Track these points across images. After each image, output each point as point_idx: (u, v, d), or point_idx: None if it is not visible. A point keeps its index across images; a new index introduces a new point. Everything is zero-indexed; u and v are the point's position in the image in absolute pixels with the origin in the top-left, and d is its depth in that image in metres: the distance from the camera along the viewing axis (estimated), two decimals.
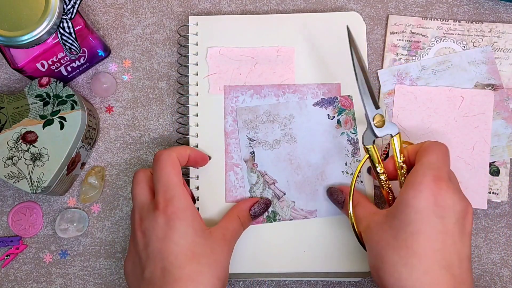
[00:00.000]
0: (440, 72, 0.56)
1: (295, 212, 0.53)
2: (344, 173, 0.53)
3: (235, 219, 0.50)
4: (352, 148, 0.53)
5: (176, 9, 0.59)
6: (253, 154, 0.53)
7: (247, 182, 0.53)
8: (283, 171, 0.53)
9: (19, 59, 0.50)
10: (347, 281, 0.55)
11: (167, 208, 0.44)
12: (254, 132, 0.54)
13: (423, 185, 0.42)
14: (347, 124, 0.54)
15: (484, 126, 0.55)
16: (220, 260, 0.45)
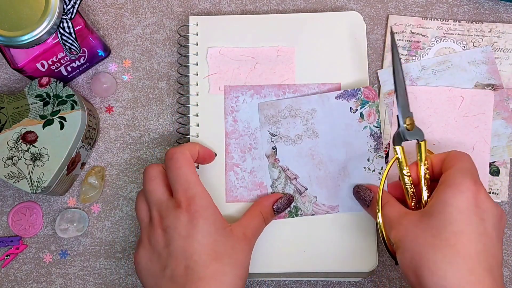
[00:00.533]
0: (440, 72, 0.56)
1: (317, 207, 0.52)
2: (366, 170, 0.52)
3: (257, 215, 0.50)
4: (375, 143, 0.52)
5: (176, 9, 0.59)
6: (274, 149, 0.53)
7: (269, 177, 0.53)
8: (304, 166, 0.53)
9: (19, 59, 0.50)
10: (347, 281, 0.55)
11: (190, 206, 0.44)
12: (276, 127, 0.53)
13: (464, 186, 0.42)
14: (370, 117, 0.53)
15: (484, 126, 0.55)
16: (241, 260, 0.45)
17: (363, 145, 0.52)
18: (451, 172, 0.44)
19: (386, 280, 0.55)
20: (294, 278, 0.54)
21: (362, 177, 0.52)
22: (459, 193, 0.42)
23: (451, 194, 0.42)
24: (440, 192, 0.43)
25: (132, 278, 0.55)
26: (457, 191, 0.42)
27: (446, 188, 0.42)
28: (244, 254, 0.46)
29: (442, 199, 0.42)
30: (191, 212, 0.44)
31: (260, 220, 0.50)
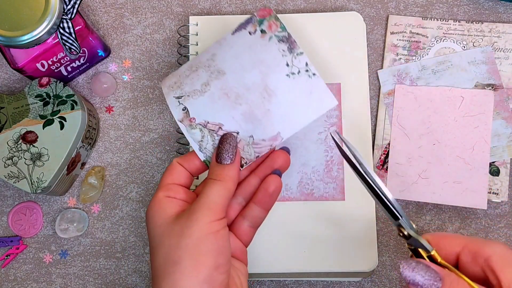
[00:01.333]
0: (440, 72, 0.56)
1: (257, 147, 0.45)
2: (290, 76, 0.45)
3: (208, 184, 0.42)
4: (287, 44, 0.45)
5: (176, 9, 0.59)
6: (185, 110, 0.46)
7: (194, 142, 0.45)
8: (223, 110, 0.45)
9: (19, 59, 0.50)
10: (347, 281, 0.55)
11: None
12: (180, 90, 0.46)
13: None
14: (272, 27, 0.46)
15: (484, 126, 0.55)
16: (208, 251, 0.39)
17: (275, 54, 0.45)
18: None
19: (386, 280, 0.55)
20: (294, 278, 0.54)
21: (288, 86, 0.45)
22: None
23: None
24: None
25: (132, 278, 0.55)
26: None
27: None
28: (211, 243, 0.39)
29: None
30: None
31: (216, 187, 0.42)
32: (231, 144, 0.44)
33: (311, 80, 0.45)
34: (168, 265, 0.39)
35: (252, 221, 0.45)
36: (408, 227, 0.39)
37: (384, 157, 0.55)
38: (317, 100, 0.45)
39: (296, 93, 0.45)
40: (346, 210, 0.53)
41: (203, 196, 0.41)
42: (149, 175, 0.57)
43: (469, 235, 0.55)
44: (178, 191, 0.43)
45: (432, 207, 0.55)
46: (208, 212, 0.40)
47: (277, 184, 0.45)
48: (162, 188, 0.43)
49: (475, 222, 0.55)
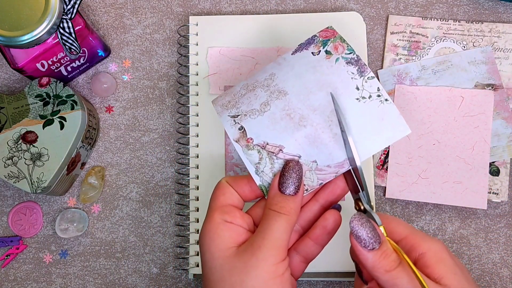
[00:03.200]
0: (440, 72, 0.56)
1: (321, 173, 0.42)
2: (360, 100, 0.42)
3: (272, 217, 0.39)
4: (356, 67, 0.42)
5: (176, 9, 0.59)
6: (242, 130, 0.42)
7: (250, 164, 0.42)
8: (284, 131, 0.42)
9: (19, 59, 0.50)
10: (347, 281, 0.55)
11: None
12: (236, 109, 0.43)
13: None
14: (338, 49, 0.43)
15: (484, 126, 0.55)
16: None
17: (343, 76, 0.42)
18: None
19: None
20: None
21: (357, 111, 0.42)
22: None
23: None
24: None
25: (132, 278, 0.55)
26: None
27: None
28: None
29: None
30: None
31: (281, 221, 0.39)
32: (298, 173, 0.40)
33: (383, 106, 0.42)
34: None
35: (305, 256, 0.42)
36: (365, 201, 0.40)
37: (384, 157, 0.55)
38: (389, 128, 0.42)
39: (367, 119, 0.42)
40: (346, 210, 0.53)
41: (268, 231, 0.38)
42: (149, 175, 0.57)
43: (469, 235, 0.55)
44: (235, 215, 0.40)
45: (432, 207, 0.55)
46: (274, 252, 0.37)
47: (336, 221, 0.42)
48: (218, 209, 0.40)
49: (475, 222, 0.55)
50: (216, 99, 0.45)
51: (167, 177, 0.56)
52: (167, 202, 0.56)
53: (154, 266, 0.55)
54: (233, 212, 0.40)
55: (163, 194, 0.56)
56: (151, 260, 0.55)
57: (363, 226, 0.37)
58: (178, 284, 0.55)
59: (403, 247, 0.39)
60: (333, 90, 0.42)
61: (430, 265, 0.38)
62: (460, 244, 0.55)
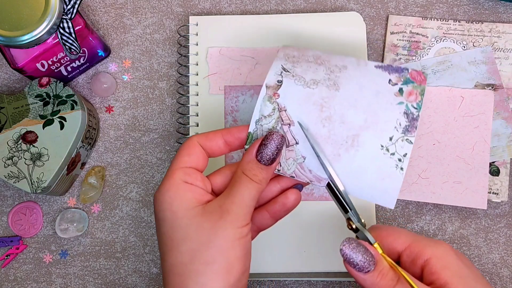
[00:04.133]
0: (440, 72, 0.56)
1: (300, 171, 0.42)
2: (384, 149, 0.41)
3: (243, 182, 0.39)
4: (407, 123, 0.41)
5: (176, 9, 0.59)
6: (280, 83, 0.42)
7: (258, 111, 0.42)
8: (307, 115, 0.41)
9: (19, 59, 0.50)
10: (347, 281, 0.55)
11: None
12: (292, 65, 0.43)
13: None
14: (411, 96, 0.42)
15: (484, 126, 0.55)
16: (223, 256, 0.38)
17: (390, 119, 0.41)
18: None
19: None
20: (294, 278, 0.54)
21: (373, 156, 0.41)
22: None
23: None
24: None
25: (132, 278, 0.55)
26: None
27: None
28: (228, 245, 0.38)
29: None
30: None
31: (252, 187, 0.39)
32: (278, 146, 0.40)
33: (394, 171, 0.40)
34: (197, 263, 0.37)
35: (259, 226, 0.43)
36: (355, 220, 0.40)
37: None
38: (381, 189, 0.41)
39: (373, 167, 0.41)
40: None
41: (238, 195, 0.39)
42: (149, 175, 0.57)
43: (469, 235, 0.55)
44: (196, 178, 0.40)
45: (432, 207, 0.55)
46: (242, 216, 0.38)
47: (296, 199, 0.43)
48: (179, 170, 0.40)
49: (475, 222, 0.55)
50: (286, 46, 0.44)
51: None
52: None
53: (154, 266, 0.55)
54: (194, 174, 0.40)
55: None
56: (151, 260, 0.55)
57: (354, 251, 0.37)
58: None
59: (408, 257, 0.39)
60: (371, 122, 0.41)
61: (435, 271, 0.38)
62: (460, 244, 0.55)
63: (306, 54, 0.44)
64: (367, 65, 0.43)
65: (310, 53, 0.44)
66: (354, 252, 0.37)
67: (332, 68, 0.43)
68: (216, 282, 0.37)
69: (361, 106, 0.41)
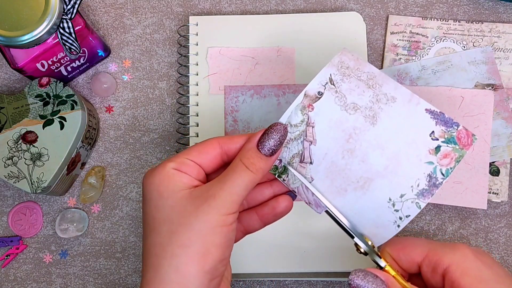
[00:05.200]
0: (440, 72, 0.56)
1: (303, 190, 0.41)
2: (390, 203, 0.40)
3: (238, 169, 0.38)
4: (426, 188, 0.40)
5: (176, 9, 0.59)
6: (320, 95, 0.41)
7: (285, 118, 0.41)
8: (332, 139, 0.40)
9: (19, 59, 0.50)
10: (347, 281, 0.55)
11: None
12: (341, 79, 0.41)
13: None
14: (445, 159, 0.40)
15: (484, 126, 0.55)
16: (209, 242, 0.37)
17: (410, 176, 0.40)
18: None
19: None
20: (294, 278, 0.54)
21: (378, 205, 0.40)
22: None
23: None
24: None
25: (132, 278, 0.55)
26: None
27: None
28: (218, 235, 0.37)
29: None
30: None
31: (246, 177, 0.38)
32: (281, 137, 0.39)
33: (391, 226, 0.40)
34: (174, 245, 0.36)
35: (246, 227, 0.43)
36: (363, 246, 0.40)
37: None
38: (372, 233, 0.41)
39: (373, 214, 0.40)
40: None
41: (228, 182, 0.37)
42: None
43: (469, 235, 0.55)
44: (191, 170, 0.39)
45: (432, 207, 0.55)
46: (228, 204, 0.37)
47: (287, 206, 0.42)
48: (177, 158, 0.39)
49: (475, 222, 0.55)
50: (348, 51, 0.42)
51: None
52: None
53: None
54: (191, 166, 0.39)
55: None
56: None
57: (362, 281, 0.36)
58: None
59: (427, 266, 0.38)
60: (392, 173, 0.40)
61: (455, 279, 0.37)
62: None
63: (361, 69, 0.41)
64: (419, 104, 0.41)
65: (367, 69, 0.42)
66: (363, 282, 0.36)
67: (380, 96, 0.41)
68: (191, 266, 0.36)
69: (389, 151, 0.40)
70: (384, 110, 0.41)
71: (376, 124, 0.40)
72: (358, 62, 0.42)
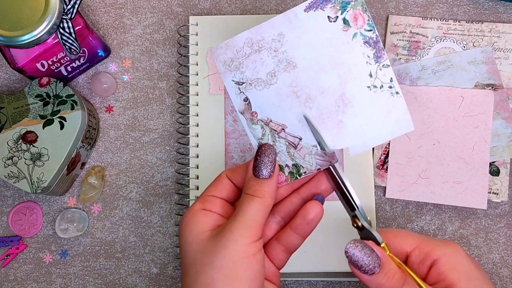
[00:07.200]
0: (440, 72, 0.56)
1: (320, 159, 0.41)
2: (371, 88, 0.40)
3: (246, 200, 0.39)
4: (373, 50, 0.40)
5: (176, 9, 0.59)
6: (247, 101, 0.41)
7: (253, 139, 0.42)
8: (289, 110, 0.41)
9: (19, 59, 0.50)
10: (347, 281, 0.55)
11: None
12: (240, 73, 0.41)
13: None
14: (358, 20, 0.40)
15: (484, 126, 0.55)
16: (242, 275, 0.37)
17: (358, 58, 0.40)
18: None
19: None
20: (294, 278, 0.54)
21: (367, 100, 0.40)
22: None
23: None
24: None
25: (132, 278, 0.55)
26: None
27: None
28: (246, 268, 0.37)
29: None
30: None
31: (254, 204, 0.38)
32: (270, 157, 0.40)
33: (393, 99, 0.40)
34: (200, 285, 0.36)
35: (287, 246, 0.42)
36: (362, 219, 0.39)
37: (384, 157, 0.55)
38: (394, 122, 0.40)
39: (375, 109, 0.40)
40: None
41: (240, 213, 0.38)
42: (149, 175, 0.57)
43: (469, 235, 0.55)
44: (215, 204, 0.40)
45: (432, 207, 0.55)
46: (245, 232, 0.37)
47: (317, 212, 0.41)
48: (200, 199, 0.41)
49: (475, 222, 0.55)
50: (217, 50, 0.42)
51: (167, 177, 0.56)
52: (167, 202, 0.56)
53: (154, 266, 0.55)
54: (213, 201, 0.40)
55: (163, 194, 0.56)
56: (151, 260, 0.55)
57: (359, 252, 0.36)
58: (178, 284, 0.55)
59: (417, 257, 0.39)
60: (345, 72, 0.40)
61: (443, 271, 0.37)
62: (460, 244, 0.55)
63: (239, 47, 0.42)
64: (297, 15, 0.40)
65: (240, 42, 0.42)
66: (360, 254, 0.36)
67: (273, 45, 0.41)
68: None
69: (326, 65, 0.40)
70: (287, 50, 0.41)
71: (297, 64, 0.41)
72: (227, 46, 0.42)
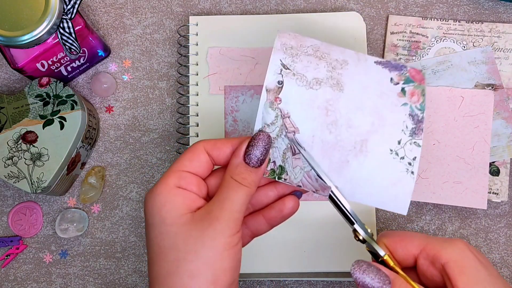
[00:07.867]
0: (440, 72, 0.56)
1: (307, 180, 0.40)
2: (393, 153, 0.40)
3: (232, 187, 0.38)
4: (414, 126, 0.40)
5: (176, 9, 0.59)
6: (281, 85, 0.40)
7: (260, 119, 0.39)
8: (312, 120, 0.39)
9: (19, 59, 0.50)
10: (347, 281, 0.55)
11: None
12: (292, 60, 0.40)
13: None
14: (414, 96, 0.41)
15: (484, 126, 0.55)
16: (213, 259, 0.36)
17: (397, 122, 0.40)
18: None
19: None
20: (294, 278, 0.54)
21: (382, 160, 0.40)
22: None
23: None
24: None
25: (132, 278, 0.55)
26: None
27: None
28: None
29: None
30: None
31: (241, 192, 0.37)
32: (266, 146, 0.38)
33: (405, 176, 0.39)
34: (183, 274, 0.35)
35: (253, 231, 0.42)
36: (362, 232, 0.39)
37: None
38: (392, 196, 0.40)
39: (383, 172, 0.39)
40: None
41: (227, 201, 0.37)
42: (149, 175, 0.57)
43: (469, 235, 0.55)
44: (191, 181, 0.38)
45: (432, 207, 0.55)
46: (232, 223, 0.36)
47: (294, 207, 0.41)
48: (174, 173, 0.38)
49: (475, 222, 0.55)
50: (284, 33, 0.41)
51: None
52: None
53: None
54: (190, 178, 0.38)
55: None
56: None
57: (365, 273, 0.35)
58: None
59: (425, 259, 0.38)
60: (380, 126, 0.40)
61: (452, 277, 0.36)
62: None
63: (304, 44, 0.41)
64: (367, 60, 0.41)
65: (308, 43, 0.41)
66: (366, 275, 0.35)
67: (333, 63, 0.41)
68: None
69: (367, 108, 0.40)
70: (343, 75, 0.40)
71: (344, 89, 0.40)
72: (298, 39, 0.41)
